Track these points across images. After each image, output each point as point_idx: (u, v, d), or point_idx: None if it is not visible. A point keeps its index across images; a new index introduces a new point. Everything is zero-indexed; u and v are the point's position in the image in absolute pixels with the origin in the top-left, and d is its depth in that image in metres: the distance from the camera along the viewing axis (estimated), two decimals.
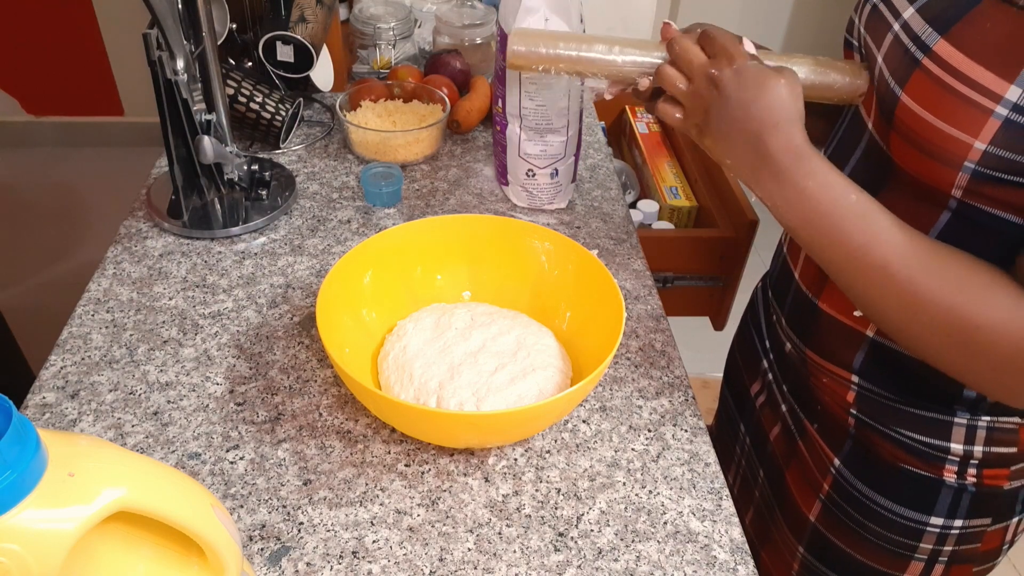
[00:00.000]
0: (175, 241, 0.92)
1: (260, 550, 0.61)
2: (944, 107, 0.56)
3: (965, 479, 0.69)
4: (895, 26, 0.63)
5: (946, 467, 0.69)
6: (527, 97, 0.92)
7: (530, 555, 0.62)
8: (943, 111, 0.56)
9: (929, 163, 0.58)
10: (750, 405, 0.91)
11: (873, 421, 0.71)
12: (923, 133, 0.57)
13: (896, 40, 0.62)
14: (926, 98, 0.57)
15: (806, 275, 0.74)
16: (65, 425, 0.70)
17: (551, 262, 0.79)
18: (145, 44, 0.83)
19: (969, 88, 0.54)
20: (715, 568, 0.62)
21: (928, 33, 0.58)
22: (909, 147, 0.60)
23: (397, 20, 1.26)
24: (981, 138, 0.54)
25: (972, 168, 0.55)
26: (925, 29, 0.59)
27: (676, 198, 1.42)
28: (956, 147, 0.55)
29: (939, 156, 0.57)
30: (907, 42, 0.60)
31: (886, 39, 0.64)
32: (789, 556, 0.84)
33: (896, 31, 0.62)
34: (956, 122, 0.55)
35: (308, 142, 1.12)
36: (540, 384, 0.70)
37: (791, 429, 0.82)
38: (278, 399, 0.73)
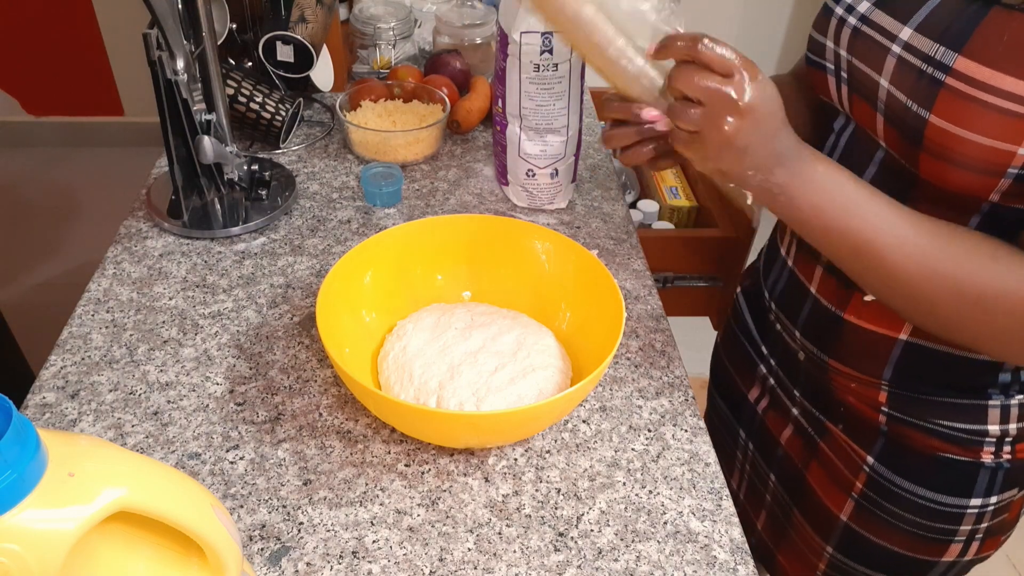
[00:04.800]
0: (175, 241, 0.92)
1: (260, 550, 0.61)
2: (980, 121, 0.56)
3: (1001, 457, 0.71)
4: (895, 48, 0.62)
5: (984, 449, 0.71)
6: (527, 97, 0.92)
7: (530, 555, 0.62)
8: (980, 125, 0.56)
9: (966, 175, 0.59)
10: (749, 411, 0.91)
11: (907, 416, 0.72)
12: (960, 149, 0.57)
13: (903, 62, 0.61)
14: (958, 116, 0.57)
15: (826, 290, 0.73)
16: (65, 425, 0.70)
17: (551, 262, 0.79)
18: (145, 44, 0.83)
19: (1002, 99, 0.54)
20: (715, 568, 0.62)
21: (942, 52, 0.58)
22: (943, 164, 0.60)
23: (397, 20, 1.26)
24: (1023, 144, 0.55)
25: (1016, 173, 0.56)
26: (936, 48, 0.58)
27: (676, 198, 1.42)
28: (998, 157, 0.56)
29: (979, 168, 0.57)
30: (918, 64, 0.59)
31: (887, 63, 0.63)
32: (814, 556, 0.84)
33: (898, 53, 0.62)
34: (996, 134, 0.55)
35: (308, 142, 1.12)
36: (540, 384, 0.70)
37: (807, 431, 0.82)
38: (278, 399, 0.73)
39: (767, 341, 0.86)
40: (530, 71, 0.90)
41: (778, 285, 0.82)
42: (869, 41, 0.65)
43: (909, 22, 0.61)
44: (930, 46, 0.59)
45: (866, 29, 0.66)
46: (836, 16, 0.69)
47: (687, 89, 0.58)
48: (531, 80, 0.91)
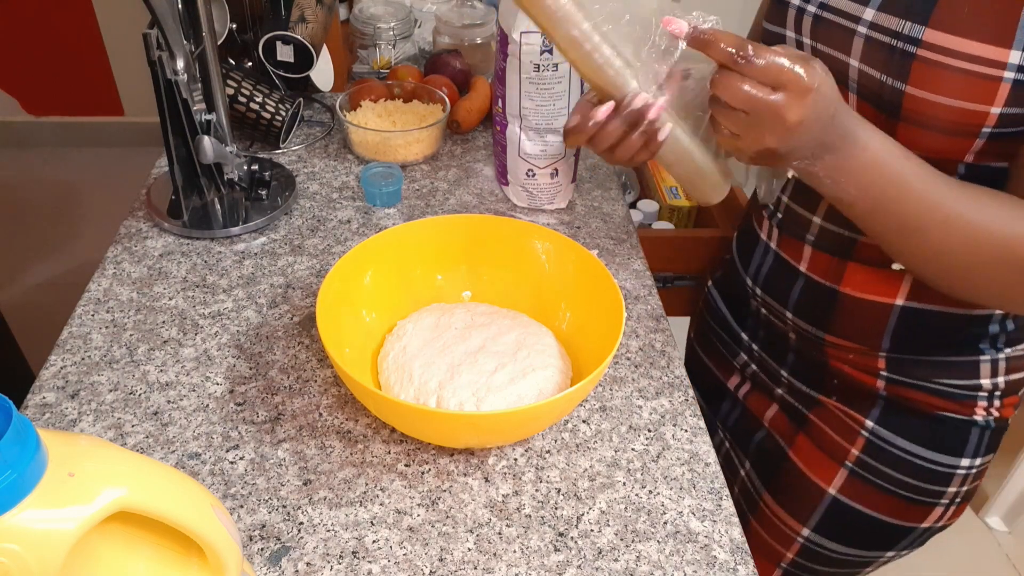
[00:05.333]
0: (175, 241, 0.92)
1: (260, 550, 0.61)
2: (955, 86, 0.59)
3: (991, 413, 0.75)
4: (861, 29, 0.64)
5: (977, 404, 0.74)
6: (527, 97, 0.92)
7: (530, 555, 0.62)
8: (955, 90, 0.59)
9: (943, 139, 0.62)
10: (729, 400, 0.92)
11: (905, 378, 0.75)
12: (939, 114, 0.60)
13: (871, 42, 0.63)
14: (933, 83, 0.60)
15: (817, 266, 0.76)
16: (65, 425, 0.70)
17: (551, 262, 0.79)
18: (145, 44, 0.83)
19: (973, 63, 0.57)
20: (715, 568, 0.62)
21: (910, 27, 0.60)
22: (922, 130, 0.62)
23: (397, 20, 1.26)
24: (996, 103, 0.58)
25: (989, 132, 0.60)
26: (903, 24, 0.61)
27: (676, 198, 1.42)
28: (973, 118, 0.59)
29: (956, 130, 0.60)
30: (888, 40, 0.62)
31: (854, 44, 0.65)
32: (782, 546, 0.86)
33: (865, 33, 0.64)
34: (970, 96, 0.58)
35: (308, 142, 1.12)
36: (540, 384, 0.70)
37: (794, 407, 0.84)
38: (278, 399, 0.73)
39: (747, 328, 0.88)
40: (530, 71, 0.90)
41: (762, 270, 0.83)
42: (833, 26, 0.67)
43: (871, 3, 0.63)
44: (897, 23, 0.61)
45: (827, 15, 0.67)
46: (793, 7, 0.71)
47: (731, 100, 0.56)
48: (531, 80, 0.91)
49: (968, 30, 0.57)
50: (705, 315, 0.96)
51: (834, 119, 0.58)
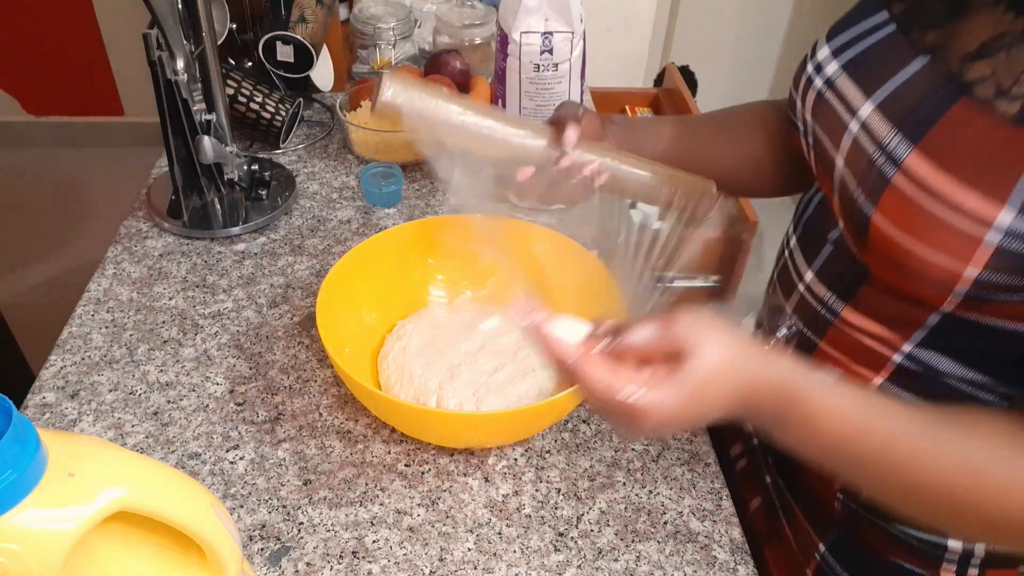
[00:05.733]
0: (175, 241, 0.92)
1: (260, 550, 0.61)
2: (926, 232, 0.49)
3: None
4: (852, 126, 0.56)
5: (944, 566, 0.62)
6: (527, 97, 0.92)
7: (530, 555, 0.62)
8: (925, 236, 0.50)
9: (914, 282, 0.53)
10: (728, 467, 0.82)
11: (861, 508, 0.65)
12: (903, 258, 0.51)
13: (857, 145, 0.55)
14: (904, 221, 0.51)
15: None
16: (65, 425, 0.70)
17: (551, 262, 0.79)
18: (145, 44, 0.83)
19: (953, 211, 0.48)
20: (715, 568, 0.62)
21: (897, 142, 0.51)
22: (888, 267, 0.54)
23: (397, 20, 1.26)
24: (973, 264, 0.48)
25: (964, 292, 0.50)
26: (893, 135, 0.52)
27: None
28: (943, 274, 0.50)
29: (924, 279, 0.51)
30: (871, 151, 0.53)
31: (844, 140, 0.57)
32: None
33: (855, 133, 0.56)
34: (940, 248, 0.49)
35: (308, 142, 1.12)
36: (540, 384, 0.70)
37: (774, 504, 0.75)
38: (278, 399, 0.73)
39: None
40: (530, 71, 0.90)
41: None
42: (831, 112, 0.59)
43: (873, 96, 0.55)
44: (887, 132, 0.52)
45: (829, 96, 0.59)
46: (806, 73, 0.62)
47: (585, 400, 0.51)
48: (531, 80, 0.91)
49: (957, 167, 0.48)
50: None
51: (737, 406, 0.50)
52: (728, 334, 0.50)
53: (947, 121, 0.50)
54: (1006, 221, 0.46)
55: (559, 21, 0.87)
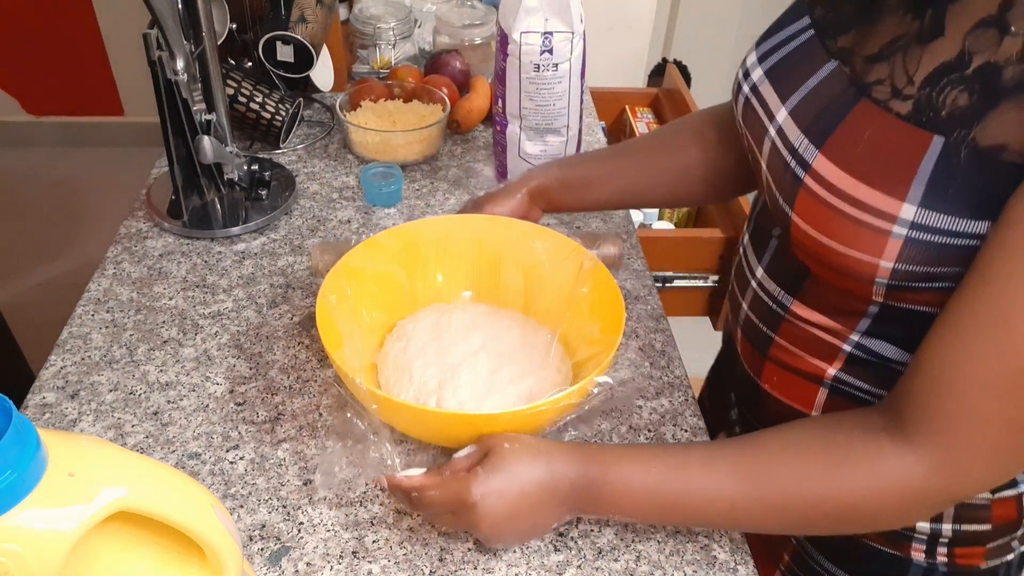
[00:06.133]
0: (175, 241, 0.92)
1: (260, 550, 0.61)
2: (838, 230, 0.52)
3: (935, 558, 0.65)
4: (771, 130, 0.58)
5: (913, 545, 0.65)
6: (527, 97, 0.92)
7: (530, 555, 0.62)
8: (838, 234, 0.52)
9: (839, 276, 0.55)
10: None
11: None
12: (825, 255, 0.54)
13: (775, 149, 0.58)
14: (817, 221, 0.53)
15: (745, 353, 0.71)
16: (65, 425, 0.70)
17: (551, 262, 0.79)
18: (145, 44, 0.83)
19: (859, 210, 0.51)
20: (715, 568, 0.62)
21: (805, 146, 0.54)
22: (815, 263, 0.57)
23: (397, 20, 1.26)
24: (886, 257, 0.51)
25: (885, 283, 0.53)
26: (801, 140, 0.54)
27: None
28: (861, 267, 0.52)
29: (847, 273, 0.54)
30: (786, 154, 0.56)
31: (764, 144, 0.59)
32: None
33: (773, 137, 0.58)
34: (854, 245, 0.52)
35: (308, 142, 1.12)
36: (540, 384, 0.70)
37: None
38: (278, 399, 0.73)
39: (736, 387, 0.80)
40: (530, 71, 0.90)
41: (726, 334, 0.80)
42: (754, 117, 0.61)
43: (787, 102, 0.57)
44: (797, 136, 0.55)
45: (754, 101, 0.61)
46: (736, 79, 0.64)
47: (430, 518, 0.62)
48: (531, 80, 0.91)
49: (859, 167, 0.51)
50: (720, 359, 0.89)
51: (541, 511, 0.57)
52: (521, 436, 0.59)
53: (848, 123, 0.52)
54: (909, 215, 0.49)
55: (559, 21, 0.88)
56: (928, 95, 0.49)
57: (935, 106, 0.49)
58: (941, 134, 0.48)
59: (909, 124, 0.50)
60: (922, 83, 0.50)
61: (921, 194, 0.48)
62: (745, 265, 0.70)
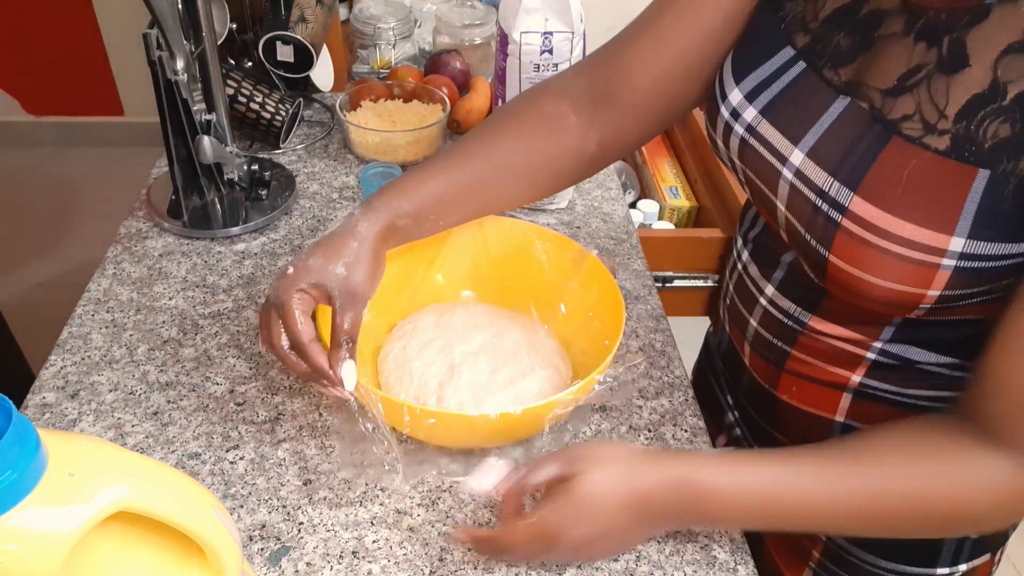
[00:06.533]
0: (175, 241, 0.92)
1: (260, 550, 0.61)
2: (882, 268, 0.51)
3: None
4: (786, 173, 0.56)
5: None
6: None
7: None
8: (882, 272, 0.52)
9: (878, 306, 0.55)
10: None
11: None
12: (866, 289, 0.53)
13: (796, 192, 0.56)
14: (859, 261, 0.52)
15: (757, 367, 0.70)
16: (65, 425, 0.70)
17: (551, 262, 0.79)
18: (145, 44, 0.83)
19: (906, 248, 0.50)
20: (715, 568, 0.62)
21: (837, 188, 0.52)
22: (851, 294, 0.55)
23: (397, 20, 1.26)
24: (934, 287, 0.51)
25: (927, 308, 0.53)
26: (830, 183, 0.53)
27: (676, 198, 1.42)
28: (906, 297, 0.52)
29: (888, 303, 0.54)
30: (813, 197, 0.54)
31: (780, 187, 0.58)
32: None
33: (790, 180, 0.56)
34: (901, 280, 0.51)
35: (308, 142, 1.12)
36: (540, 384, 0.70)
37: None
38: (278, 399, 0.73)
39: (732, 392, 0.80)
40: (530, 71, 0.90)
41: (721, 347, 0.78)
42: (759, 157, 0.59)
43: (800, 144, 0.55)
44: (824, 179, 0.53)
45: (754, 142, 0.59)
46: (722, 118, 0.62)
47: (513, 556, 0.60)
48: (531, 80, 0.91)
49: (900, 208, 0.50)
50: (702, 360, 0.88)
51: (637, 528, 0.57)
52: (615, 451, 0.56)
53: (882, 163, 0.51)
54: (958, 247, 0.48)
55: (559, 21, 0.88)
56: (966, 129, 0.48)
57: (976, 140, 0.48)
58: (986, 167, 0.47)
59: (951, 159, 0.48)
60: (956, 116, 0.48)
61: (969, 226, 0.48)
62: (750, 283, 0.69)
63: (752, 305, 0.68)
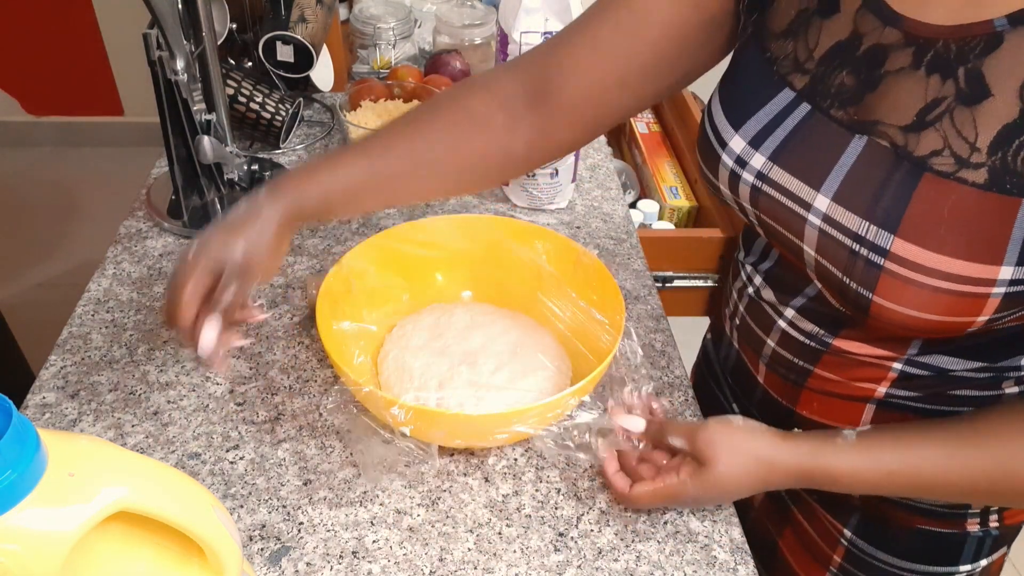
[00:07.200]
0: (175, 241, 0.92)
1: (260, 550, 0.61)
2: (932, 304, 0.51)
3: (988, 526, 0.67)
4: (813, 219, 0.55)
5: (968, 520, 0.67)
6: None
7: (530, 555, 0.62)
8: (932, 308, 0.52)
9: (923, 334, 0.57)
10: None
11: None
12: (912, 324, 0.53)
13: (827, 237, 0.55)
14: (907, 300, 0.52)
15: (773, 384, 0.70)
16: (65, 425, 0.70)
17: (551, 262, 0.79)
18: (145, 44, 0.83)
19: (954, 283, 0.50)
20: (715, 568, 0.62)
21: (875, 232, 0.51)
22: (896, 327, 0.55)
23: (397, 20, 1.26)
24: (983, 315, 0.51)
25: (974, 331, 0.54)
26: (866, 227, 0.52)
27: (676, 198, 1.42)
28: (954, 327, 0.53)
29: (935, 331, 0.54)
30: (848, 243, 0.53)
31: (807, 232, 0.56)
32: None
33: (819, 226, 0.55)
34: (949, 312, 0.51)
35: (308, 142, 1.12)
36: (540, 384, 0.70)
37: (782, 496, 0.76)
38: (278, 399, 0.73)
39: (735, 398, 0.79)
40: None
41: (728, 362, 0.77)
42: (778, 204, 0.58)
43: (823, 188, 0.54)
44: (859, 224, 0.52)
45: (769, 189, 0.58)
46: (725, 166, 0.60)
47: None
48: None
49: (943, 245, 0.49)
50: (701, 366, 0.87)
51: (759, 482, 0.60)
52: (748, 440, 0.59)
53: (918, 202, 0.50)
54: (1007, 275, 0.49)
55: (559, 21, 0.88)
56: (1003, 160, 0.47)
57: (1014, 170, 0.47)
58: None
59: (992, 192, 0.48)
60: (990, 148, 0.48)
61: (1017, 255, 0.48)
62: (767, 307, 0.67)
63: (769, 328, 0.67)
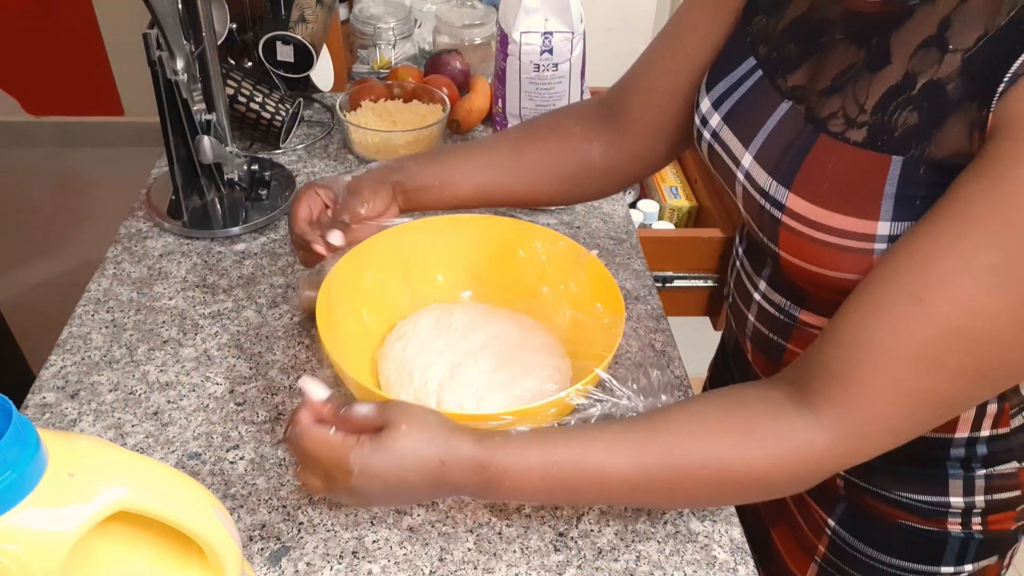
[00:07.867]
0: (175, 241, 0.92)
1: (260, 550, 0.61)
2: (823, 258, 0.55)
3: (971, 528, 0.67)
4: (739, 175, 0.61)
5: (949, 520, 0.67)
6: (527, 97, 0.92)
7: (530, 555, 0.62)
8: (824, 262, 0.55)
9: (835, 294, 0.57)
10: None
11: (864, 484, 0.68)
12: (816, 279, 0.57)
13: (747, 193, 0.61)
14: (802, 253, 0.56)
15: (758, 360, 0.72)
16: (65, 425, 0.70)
17: (551, 262, 0.79)
18: (145, 44, 0.83)
19: (839, 237, 0.53)
20: (715, 568, 0.62)
21: (775, 188, 0.57)
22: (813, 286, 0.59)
23: (397, 20, 1.26)
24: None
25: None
26: (770, 183, 0.57)
27: (676, 198, 1.42)
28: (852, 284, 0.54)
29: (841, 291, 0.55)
30: (758, 197, 0.59)
31: (736, 188, 0.62)
32: None
33: (742, 182, 0.61)
34: (841, 268, 0.55)
35: (308, 142, 1.12)
36: (540, 384, 0.70)
37: None
38: (278, 399, 0.73)
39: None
40: (530, 71, 0.90)
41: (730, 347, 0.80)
42: (722, 161, 0.64)
43: (750, 147, 0.60)
44: (765, 179, 0.58)
45: (717, 147, 0.64)
46: (695, 126, 0.67)
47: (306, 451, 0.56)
48: (531, 80, 0.91)
49: (829, 199, 0.53)
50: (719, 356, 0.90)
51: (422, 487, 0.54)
52: (432, 417, 0.55)
53: (811, 160, 0.55)
54: (885, 231, 0.52)
55: (559, 21, 0.88)
56: (881, 120, 0.52)
57: (888, 129, 0.51)
58: (899, 154, 0.51)
59: (867, 150, 0.52)
60: (873, 109, 0.52)
61: (891, 210, 0.51)
62: (746, 278, 0.71)
63: (748, 301, 0.71)
